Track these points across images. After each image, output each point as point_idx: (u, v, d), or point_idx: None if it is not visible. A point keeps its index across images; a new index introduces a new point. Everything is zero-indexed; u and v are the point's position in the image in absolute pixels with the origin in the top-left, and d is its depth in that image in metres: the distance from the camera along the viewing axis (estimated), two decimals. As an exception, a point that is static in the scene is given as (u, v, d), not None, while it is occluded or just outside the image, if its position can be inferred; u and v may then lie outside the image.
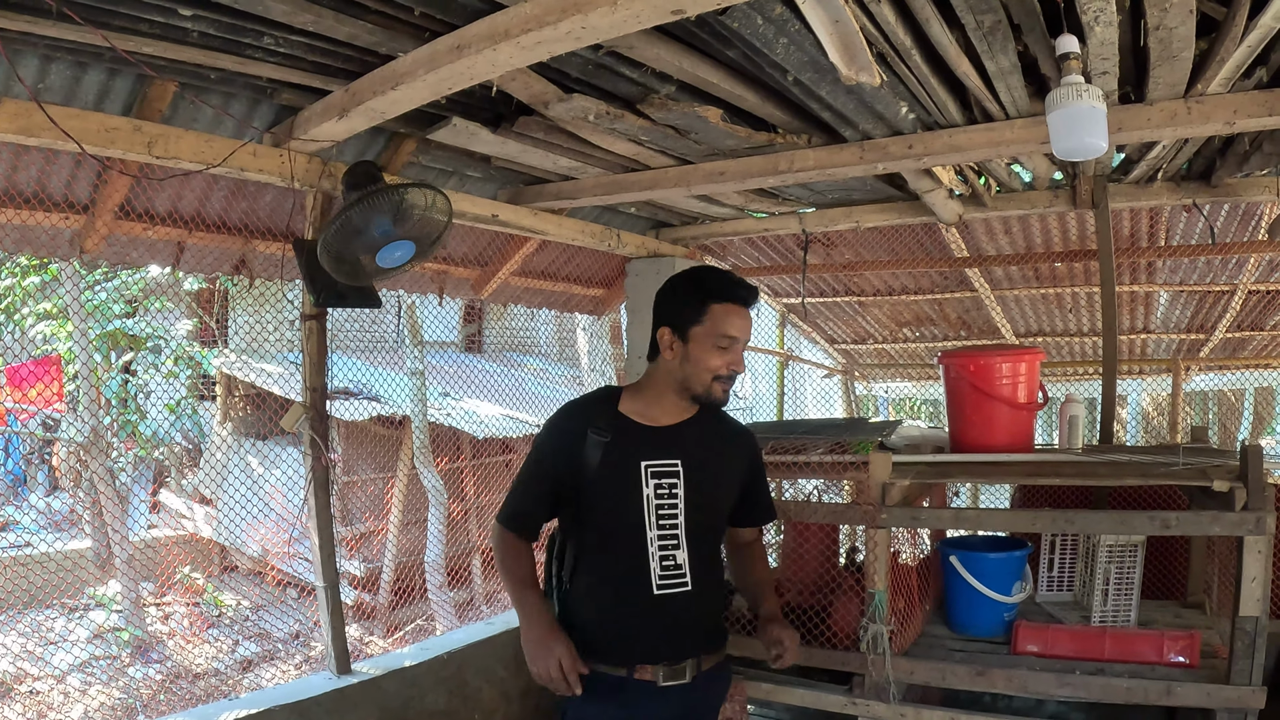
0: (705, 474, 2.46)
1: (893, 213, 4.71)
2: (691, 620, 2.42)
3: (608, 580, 2.41)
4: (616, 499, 2.39)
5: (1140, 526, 3.14)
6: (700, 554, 2.43)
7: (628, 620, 2.38)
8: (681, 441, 2.46)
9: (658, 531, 2.37)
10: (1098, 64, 2.60)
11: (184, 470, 11.53)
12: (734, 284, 2.45)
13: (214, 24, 2.51)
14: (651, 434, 2.45)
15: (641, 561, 2.37)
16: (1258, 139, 3.53)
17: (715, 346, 2.38)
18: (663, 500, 2.39)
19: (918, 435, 4.15)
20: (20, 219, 3.32)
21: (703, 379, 2.39)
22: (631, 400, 2.51)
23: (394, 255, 3.25)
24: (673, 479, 2.40)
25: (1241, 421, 10.72)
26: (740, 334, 2.41)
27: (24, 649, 7.77)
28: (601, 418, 2.44)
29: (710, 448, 2.51)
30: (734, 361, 2.40)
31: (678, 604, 2.38)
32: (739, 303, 2.42)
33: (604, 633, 2.38)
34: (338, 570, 3.74)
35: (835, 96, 2.98)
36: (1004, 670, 3.17)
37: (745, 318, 2.43)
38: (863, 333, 8.40)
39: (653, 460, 2.40)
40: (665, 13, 2.08)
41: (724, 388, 2.42)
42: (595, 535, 2.43)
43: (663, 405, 2.47)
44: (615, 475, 2.37)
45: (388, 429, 9.54)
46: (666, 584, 2.37)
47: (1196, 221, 5.14)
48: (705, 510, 2.46)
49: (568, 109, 3.07)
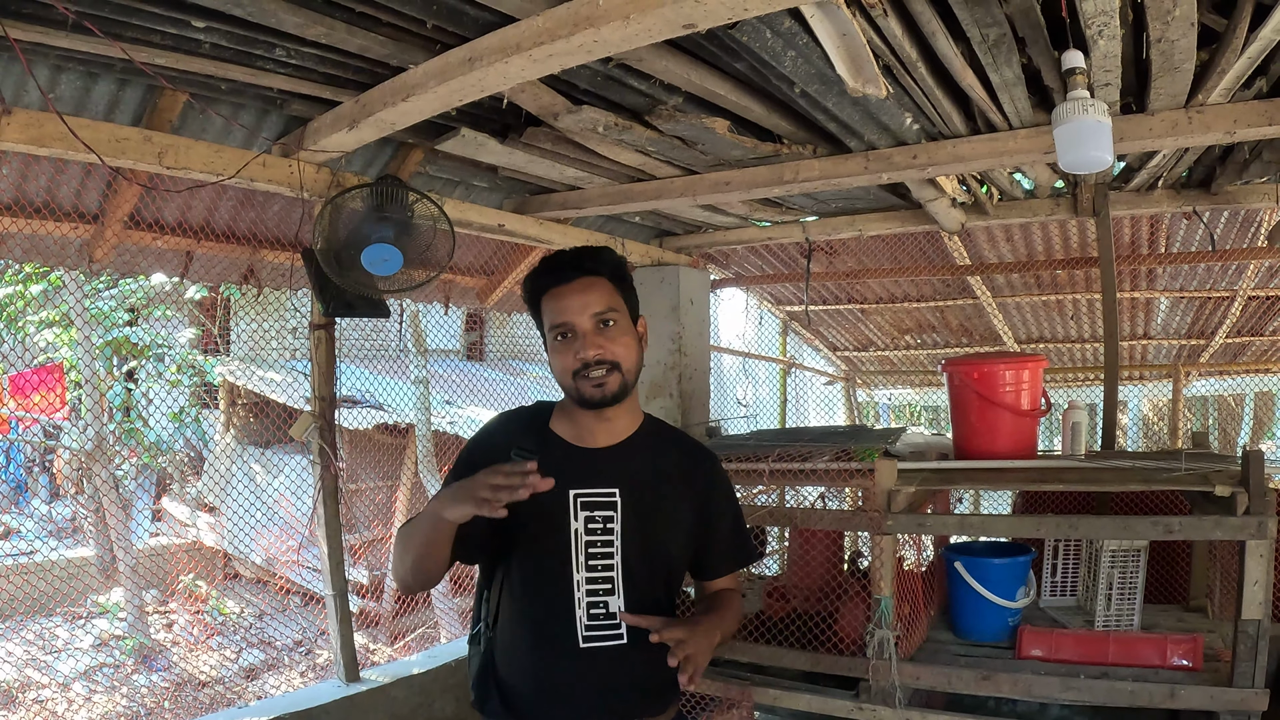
0: (649, 506, 2.02)
1: (896, 221, 4.74)
2: (627, 679, 1.98)
3: (529, 629, 2.00)
4: (538, 533, 1.96)
5: (1143, 531, 3.16)
6: (642, 602, 1.99)
7: (551, 676, 1.98)
8: (621, 466, 2.02)
9: (586, 574, 1.96)
10: (1101, 76, 2.63)
11: (187, 478, 11.54)
12: (546, 267, 2.04)
13: (226, 35, 2.54)
14: (583, 456, 2.02)
15: (567, 608, 1.96)
16: (1257, 147, 3.57)
17: (557, 343, 1.97)
18: (595, 537, 1.97)
19: (922, 442, 4.18)
20: (30, 228, 3.35)
21: (567, 383, 1.97)
22: (561, 418, 2.08)
23: (381, 260, 3.25)
24: (607, 511, 1.98)
25: (1241, 426, 10.75)
26: (569, 315, 1.94)
27: (29, 656, 7.78)
28: (529, 436, 2.00)
29: (658, 473, 2.06)
30: (581, 350, 1.93)
31: (609, 659, 1.97)
32: (555, 284, 1.99)
33: (526, 690, 1.99)
34: (346, 579, 3.76)
35: (841, 108, 3.01)
36: (1009, 675, 3.19)
37: (570, 294, 1.96)
38: (865, 340, 8.43)
39: (583, 488, 1.98)
40: (677, 27, 2.11)
41: (592, 383, 1.94)
42: (518, 575, 2.00)
43: (587, 423, 2.03)
44: (539, 505, 1.87)
45: (391, 437, 9.55)
46: (595, 635, 1.96)
47: (1196, 228, 5.17)
48: (648, 550, 2.01)
49: (577, 120, 3.10)
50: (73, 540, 10.90)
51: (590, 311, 1.94)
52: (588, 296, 1.95)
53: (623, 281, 2.06)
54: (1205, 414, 10.89)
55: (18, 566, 8.62)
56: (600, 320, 1.95)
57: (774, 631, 3.57)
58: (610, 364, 1.95)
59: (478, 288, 5.23)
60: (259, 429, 10.38)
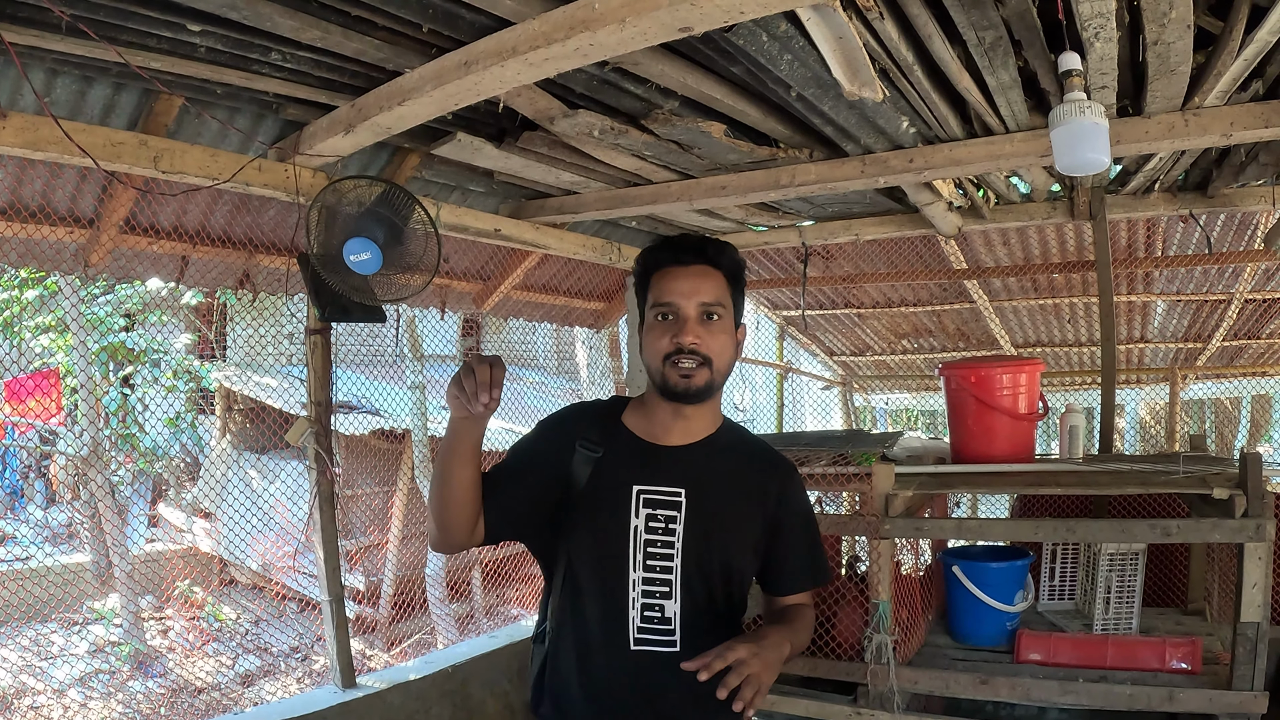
0: (715, 510, 1.94)
1: (892, 225, 4.74)
2: (678, 689, 1.83)
3: (582, 627, 1.94)
4: (598, 527, 1.93)
5: (1142, 534, 3.16)
6: (698, 609, 1.92)
7: (599, 678, 1.92)
8: (689, 466, 1.96)
9: (643, 573, 1.90)
10: (1097, 79, 2.63)
11: (183, 484, 11.52)
12: (667, 244, 1.99)
13: (222, 39, 2.53)
14: (651, 452, 1.97)
15: (620, 608, 1.90)
16: (1254, 150, 3.57)
17: (656, 322, 1.91)
18: (655, 535, 1.91)
19: (919, 446, 4.18)
20: (25, 232, 3.34)
21: (654, 366, 1.90)
22: (636, 411, 2.03)
23: (361, 257, 3.21)
24: (671, 511, 1.91)
25: (1238, 429, 10.75)
26: (678, 297, 1.89)
27: (24, 662, 7.76)
28: (596, 429, 1.98)
29: (729, 479, 1.99)
30: (679, 334, 1.87)
31: (658, 665, 1.88)
32: (672, 263, 1.94)
33: (575, 691, 1.93)
34: (343, 584, 3.75)
35: (837, 111, 3.01)
36: (1007, 679, 3.18)
37: (684, 277, 1.91)
38: (861, 344, 8.43)
39: (648, 485, 1.93)
40: (673, 30, 2.11)
41: (679, 372, 1.87)
42: (575, 571, 1.95)
43: (662, 418, 1.97)
44: (600, 498, 1.91)
45: (388, 443, 9.53)
46: (646, 639, 1.89)
47: (1193, 231, 5.17)
48: (711, 555, 1.93)
49: (572, 124, 3.10)
50: (68, 546, 10.86)
51: (699, 299, 1.89)
52: (700, 283, 1.91)
53: (737, 282, 2.00)
54: (1202, 417, 10.90)
55: (13, 572, 8.60)
56: (706, 311, 1.90)
57: (772, 636, 3.56)
58: (703, 358, 1.88)
59: (474, 292, 5.22)
60: (255, 434, 10.35)
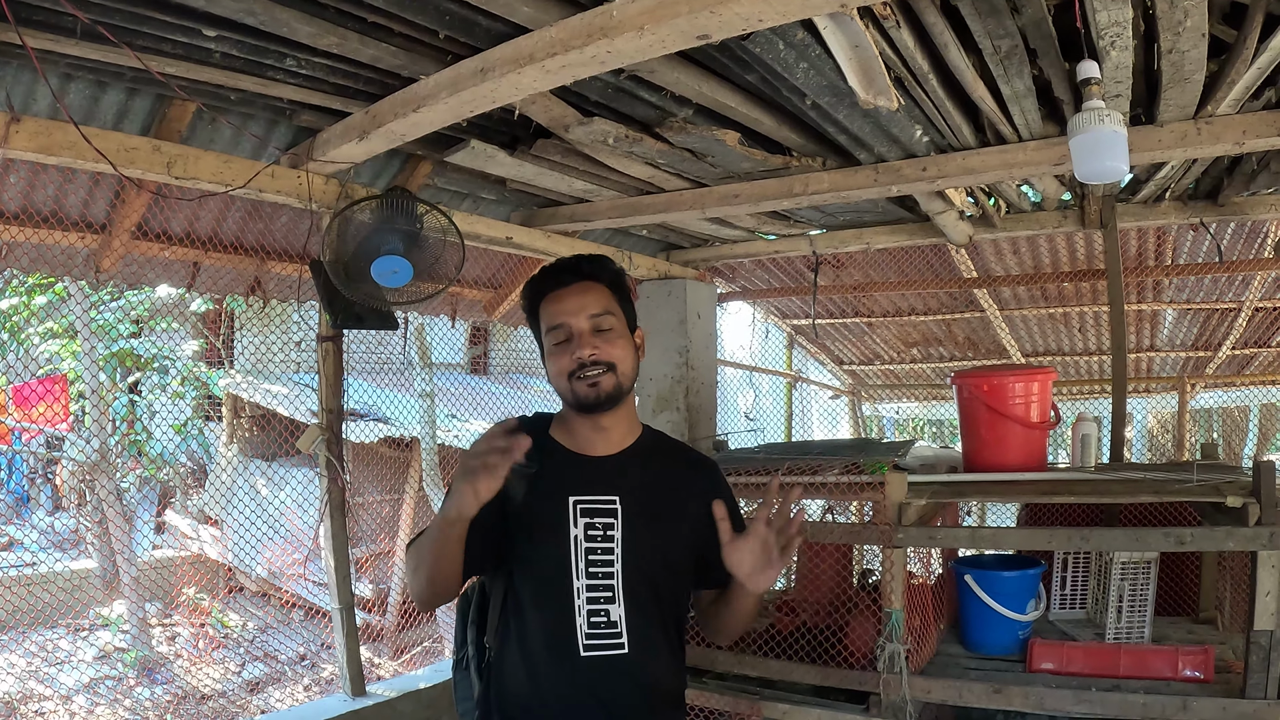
0: (649, 514, 2.02)
1: (903, 234, 4.74)
2: (630, 690, 1.96)
3: (531, 642, 1.97)
4: (539, 541, 1.97)
5: (1155, 543, 3.14)
6: (643, 611, 1.99)
7: (554, 688, 1.95)
8: (621, 475, 2.03)
9: (587, 581, 1.95)
10: (1111, 87, 2.64)
11: (189, 491, 11.53)
12: (544, 272, 2.06)
13: (237, 45, 2.55)
14: (584, 464, 2.03)
15: (567, 617, 1.94)
16: (1265, 158, 3.57)
17: (554, 347, 1.98)
18: (595, 544, 1.97)
19: (931, 455, 4.16)
20: (37, 238, 3.35)
21: (563, 386, 1.96)
22: (560, 426, 2.08)
23: (391, 271, 3.24)
24: (607, 519, 1.98)
25: (1246, 438, 10.73)
26: (566, 316, 1.96)
27: (31, 668, 7.76)
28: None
29: (658, 482, 2.07)
30: (577, 349, 1.93)
31: (611, 669, 1.95)
32: (554, 287, 2.01)
33: (529, 705, 1.97)
34: (353, 593, 3.74)
35: (851, 120, 3.01)
36: (1020, 687, 3.17)
37: (567, 297, 1.98)
38: (870, 353, 8.42)
39: (584, 496, 1.98)
40: (691, 38, 2.12)
41: (586, 382, 1.93)
42: (518, 587, 2.00)
43: (584, 432, 2.04)
44: (538, 511, 1.96)
45: (396, 451, 9.54)
46: (595, 644, 1.94)
47: (1203, 240, 5.17)
48: (650, 556, 2.01)
49: (587, 132, 3.10)
50: (75, 552, 10.89)
51: (587, 313, 1.96)
52: (585, 299, 1.97)
53: (620, 289, 2.07)
54: (1210, 426, 10.88)
55: (20, 578, 8.63)
56: (596, 324, 1.96)
57: (783, 646, 3.55)
58: (606, 364, 1.94)
59: (484, 301, 5.23)
60: (263, 442, 10.37)
